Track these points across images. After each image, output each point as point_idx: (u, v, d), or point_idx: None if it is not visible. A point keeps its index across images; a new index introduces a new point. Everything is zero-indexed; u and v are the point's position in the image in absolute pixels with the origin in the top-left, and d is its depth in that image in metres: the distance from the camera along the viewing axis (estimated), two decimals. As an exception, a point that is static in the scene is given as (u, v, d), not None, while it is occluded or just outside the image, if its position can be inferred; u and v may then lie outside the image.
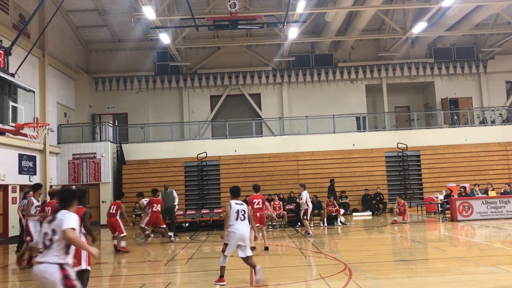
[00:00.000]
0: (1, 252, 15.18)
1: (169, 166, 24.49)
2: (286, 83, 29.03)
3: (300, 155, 24.80)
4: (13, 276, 10.87)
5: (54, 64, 23.55)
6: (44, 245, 4.70)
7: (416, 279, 8.11)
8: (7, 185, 18.99)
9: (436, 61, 29.18)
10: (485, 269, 8.51)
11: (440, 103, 28.93)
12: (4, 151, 18.90)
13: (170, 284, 8.57)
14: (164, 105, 28.84)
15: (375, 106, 29.94)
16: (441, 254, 10.69)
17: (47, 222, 4.86)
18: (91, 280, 9.52)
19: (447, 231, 15.58)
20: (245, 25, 22.66)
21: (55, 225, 4.71)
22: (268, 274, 8.87)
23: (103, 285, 9.08)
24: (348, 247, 12.69)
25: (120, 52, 28.65)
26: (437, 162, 24.57)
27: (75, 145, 23.95)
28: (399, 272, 8.82)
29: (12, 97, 13.78)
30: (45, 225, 4.83)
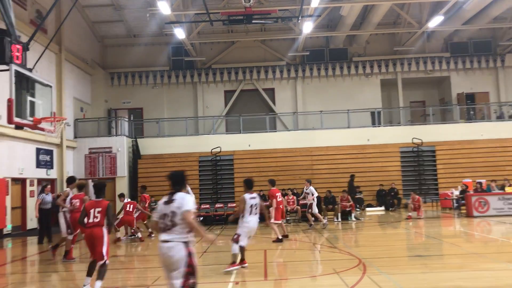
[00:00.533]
0: (19, 244, 15.46)
1: (183, 161, 24.62)
2: (300, 78, 28.96)
3: (314, 150, 24.74)
4: (32, 268, 11.08)
5: (70, 59, 23.81)
6: (165, 225, 5.04)
7: (431, 274, 8.07)
8: (25, 179, 19.30)
9: (452, 56, 28.82)
10: (502, 266, 8.44)
11: (456, 98, 28.60)
12: (22, 145, 19.20)
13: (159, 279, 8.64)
14: (179, 100, 28.99)
15: (390, 101, 29.71)
16: (456, 250, 10.62)
17: (164, 204, 5.17)
18: (107, 272, 9.67)
19: (462, 227, 15.45)
20: (259, 20, 22.63)
21: (175, 207, 5.05)
22: (283, 268, 8.91)
23: (118, 278, 9.21)
24: (362, 242, 12.68)
25: (135, 47, 28.83)
26: (453, 157, 24.32)
27: (91, 139, 24.21)
28: (414, 268, 8.79)
29: (30, 91, 13.99)
30: (163, 206, 5.14)
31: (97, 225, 7.54)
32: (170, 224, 5.03)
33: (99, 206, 7.62)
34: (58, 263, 11.44)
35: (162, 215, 5.11)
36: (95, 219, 7.55)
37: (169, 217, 5.04)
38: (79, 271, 10.04)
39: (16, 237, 17.04)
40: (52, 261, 11.37)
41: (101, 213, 7.54)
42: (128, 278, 9.32)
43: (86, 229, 7.61)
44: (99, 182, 8.04)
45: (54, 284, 8.79)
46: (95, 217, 7.55)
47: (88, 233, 7.56)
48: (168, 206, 5.10)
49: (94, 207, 7.62)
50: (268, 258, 10.28)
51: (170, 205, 5.10)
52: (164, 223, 5.07)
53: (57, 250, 11.40)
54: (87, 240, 7.62)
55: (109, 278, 9.17)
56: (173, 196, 5.17)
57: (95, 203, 7.67)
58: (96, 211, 7.57)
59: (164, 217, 5.09)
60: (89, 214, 7.59)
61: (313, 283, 7.71)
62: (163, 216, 5.09)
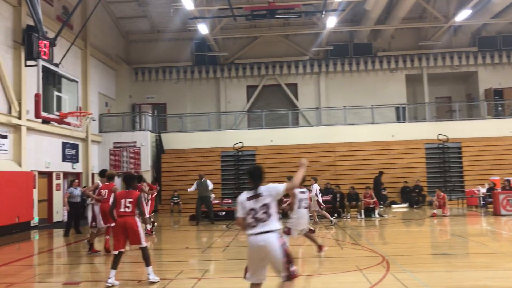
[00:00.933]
0: (46, 236, 15.79)
1: (206, 156, 24.77)
2: (324, 73, 28.74)
3: (337, 146, 24.56)
4: (57, 260, 11.30)
5: (95, 55, 24.14)
6: (255, 219, 5.13)
7: (456, 273, 7.92)
8: (51, 172, 19.69)
9: (480, 50, 28.18)
10: (530, 265, 8.23)
11: (484, 94, 27.97)
12: (49, 139, 19.58)
13: (207, 272, 8.71)
14: (202, 95, 29.14)
15: (415, 96, 29.25)
16: (483, 249, 10.40)
17: (248, 199, 5.22)
18: (130, 266, 9.79)
19: (489, 225, 15.13)
20: (283, 15, 22.51)
21: (266, 200, 5.16)
22: (305, 265, 8.87)
23: (142, 271, 9.31)
24: (385, 240, 12.53)
25: (159, 42, 29.07)
26: (480, 154, 23.81)
27: (116, 134, 24.55)
28: (439, 266, 8.64)
29: (57, 87, 14.25)
30: (248, 202, 5.21)
31: (129, 215, 7.66)
32: (265, 216, 5.13)
33: (130, 196, 7.75)
34: (83, 255, 11.66)
35: (249, 210, 5.18)
36: (126, 209, 7.67)
37: (261, 210, 5.14)
38: (105, 263, 10.20)
39: (43, 230, 17.41)
40: (78, 253, 11.58)
41: (132, 203, 7.67)
42: (155, 271, 9.41)
43: (118, 219, 7.70)
44: (129, 173, 8.16)
45: (80, 275, 8.94)
46: (126, 207, 7.68)
47: (121, 222, 7.65)
48: (255, 201, 5.19)
49: (125, 197, 7.74)
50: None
51: (258, 200, 5.19)
52: (255, 218, 5.14)
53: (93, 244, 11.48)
54: (118, 229, 7.68)
55: (131, 271, 9.30)
56: (257, 190, 5.25)
57: (126, 193, 7.79)
58: (127, 201, 7.69)
59: (252, 212, 5.16)
60: (119, 204, 7.69)
61: (335, 280, 7.65)
62: (251, 211, 5.17)
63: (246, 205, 5.22)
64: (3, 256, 11.58)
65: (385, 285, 7.06)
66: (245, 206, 5.23)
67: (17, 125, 17.00)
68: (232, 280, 7.96)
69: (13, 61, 17.11)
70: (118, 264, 7.64)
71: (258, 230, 5.10)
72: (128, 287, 7.63)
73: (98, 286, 7.92)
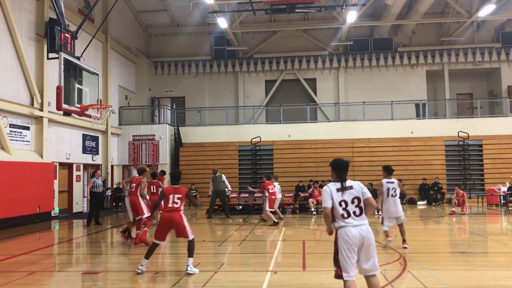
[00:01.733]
0: (66, 226, 16.07)
1: (223, 150, 24.86)
2: (343, 68, 28.55)
3: (356, 142, 24.40)
4: (77, 249, 11.50)
5: (116, 48, 24.38)
6: (347, 212, 5.21)
7: (475, 272, 7.83)
8: (72, 164, 20.01)
9: (503, 46, 27.63)
10: (551, 266, 8.09)
11: (507, 91, 27.45)
12: (70, 131, 19.89)
13: (224, 265, 8.77)
14: (220, 89, 29.21)
15: (436, 92, 28.87)
16: (502, 248, 10.25)
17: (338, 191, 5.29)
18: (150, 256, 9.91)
19: (509, 224, 14.90)
20: (302, 9, 22.41)
21: (358, 193, 5.29)
22: (321, 259, 8.87)
23: (158, 262, 9.43)
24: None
25: (178, 36, 29.22)
26: (501, 152, 23.42)
27: (135, 126, 24.79)
28: (457, 264, 8.55)
29: (78, 79, 14.45)
30: (338, 194, 5.27)
31: (176, 210, 7.86)
32: (358, 210, 5.24)
33: (179, 192, 7.95)
34: (103, 245, 11.84)
35: (340, 202, 5.23)
36: (174, 205, 7.87)
37: (354, 203, 5.23)
38: (123, 254, 10.35)
39: (63, 220, 17.73)
40: (97, 243, 11.76)
41: (180, 200, 7.89)
42: (170, 262, 9.52)
43: (165, 213, 7.88)
44: (175, 170, 8.53)
45: (99, 265, 9.09)
46: (174, 202, 7.87)
47: (167, 217, 7.83)
48: (346, 193, 5.26)
49: (173, 193, 7.92)
50: (306, 249, 10.26)
51: (348, 192, 5.27)
52: (347, 210, 5.21)
53: (126, 233, 11.75)
54: (164, 223, 7.87)
55: (171, 262, 9.42)
56: (346, 183, 5.33)
57: (174, 189, 7.96)
58: (175, 197, 7.90)
59: (343, 203, 5.23)
60: (167, 200, 7.88)
61: (351, 276, 7.62)
62: (342, 203, 5.23)
63: (336, 196, 5.26)
64: (24, 245, 11.84)
65: (402, 282, 7.02)
66: (336, 197, 5.26)
67: (39, 117, 17.31)
68: (248, 273, 8.01)
69: (36, 54, 17.41)
70: (151, 254, 7.90)
71: (355, 222, 5.18)
72: (145, 278, 7.73)
73: (117, 276, 8.05)
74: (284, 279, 7.38)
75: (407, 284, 6.92)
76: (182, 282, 7.19)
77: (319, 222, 16.09)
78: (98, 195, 15.66)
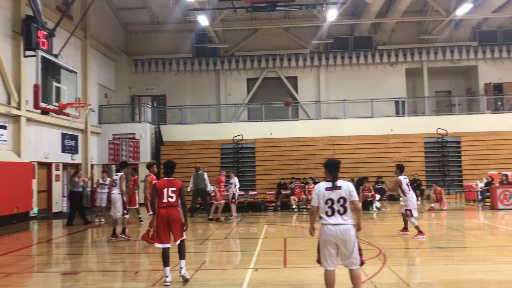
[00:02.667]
0: (45, 226, 15.85)
1: (205, 148, 24.78)
2: (324, 66, 28.70)
3: (336, 139, 24.57)
4: (57, 250, 11.35)
5: (95, 46, 24.08)
6: (335, 209, 5.53)
7: (453, 266, 7.97)
8: (50, 163, 19.72)
9: (480, 44, 28.13)
10: (526, 259, 8.28)
11: (484, 88, 27.96)
12: (48, 130, 19.59)
13: (205, 263, 8.75)
14: (202, 87, 29.11)
15: (415, 90, 29.24)
16: (479, 243, 10.46)
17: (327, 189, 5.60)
18: (128, 257, 9.86)
19: (486, 219, 15.19)
20: (283, 7, 22.41)
21: (344, 194, 5.56)
22: (302, 257, 8.92)
23: (140, 262, 9.37)
24: (383, 233, 12.58)
25: (159, 34, 28.99)
26: (478, 149, 23.85)
27: (115, 125, 24.53)
28: (435, 259, 8.69)
29: (56, 77, 14.24)
30: (326, 192, 5.59)
31: (172, 205, 7.08)
32: (342, 209, 5.53)
33: (173, 185, 7.16)
34: (83, 245, 11.71)
35: (326, 200, 5.55)
36: (170, 199, 7.08)
37: (340, 202, 5.53)
38: (103, 254, 10.26)
39: (42, 220, 17.47)
40: (77, 243, 11.63)
41: (175, 193, 7.12)
42: (153, 262, 9.47)
43: (161, 210, 7.07)
44: (170, 160, 7.51)
45: (78, 265, 8.99)
46: (169, 196, 7.09)
47: (163, 213, 7.04)
48: (334, 192, 5.56)
49: (167, 187, 7.13)
50: (288, 246, 10.31)
51: (336, 191, 5.56)
52: (332, 208, 5.52)
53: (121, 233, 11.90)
54: (161, 221, 7.05)
55: (151, 261, 9.35)
56: (335, 183, 5.62)
57: (168, 182, 7.19)
58: (170, 191, 7.12)
59: (330, 202, 5.54)
60: (161, 194, 7.13)
61: (332, 272, 7.69)
62: (329, 201, 5.54)
63: (325, 194, 5.57)
64: (1, 246, 11.63)
65: (381, 278, 7.10)
66: (323, 195, 5.57)
67: (16, 116, 17.00)
68: (229, 271, 8.02)
69: (12, 51, 17.08)
70: (168, 260, 7.08)
71: (335, 221, 5.49)
72: (126, 277, 7.67)
73: (96, 276, 7.97)
74: (266, 276, 7.40)
75: (386, 280, 7.01)
76: (163, 280, 7.16)
77: (300, 219, 16.18)
78: (79, 195, 15.52)
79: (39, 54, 13.09)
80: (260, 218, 16.99)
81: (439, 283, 6.65)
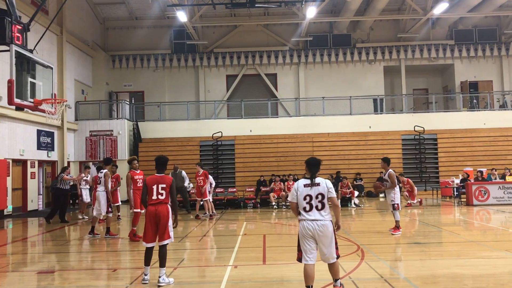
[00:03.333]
0: (20, 224, 15.53)
1: (184, 145, 24.64)
2: (303, 63, 28.80)
3: (316, 136, 24.70)
4: (32, 248, 11.14)
5: (71, 41, 23.67)
6: (313, 205, 5.75)
7: (429, 261, 8.09)
8: (26, 160, 19.33)
9: (456, 43, 28.61)
10: (500, 254, 8.46)
11: (460, 86, 28.46)
12: (23, 126, 19.19)
13: (184, 261, 8.69)
14: (180, 84, 28.89)
15: (393, 88, 29.58)
16: (455, 238, 10.64)
17: (305, 186, 5.81)
18: (106, 255, 9.73)
19: (462, 215, 15.48)
20: (262, 4, 22.42)
21: (323, 190, 5.78)
22: (281, 253, 8.94)
23: (117, 260, 9.26)
24: (361, 229, 12.70)
25: (137, 29, 28.66)
26: (455, 146, 24.29)
27: (92, 122, 24.19)
28: (412, 255, 8.81)
29: (31, 73, 13.92)
30: (304, 189, 5.80)
31: (161, 202, 6.90)
32: (320, 205, 5.74)
33: (163, 182, 6.98)
34: (59, 243, 11.51)
35: (305, 196, 5.77)
36: (159, 196, 6.91)
37: (318, 198, 5.74)
38: (80, 252, 10.10)
39: (17, 218, 17.12)
40: (53, 241, 11.42)
41: (165, 190, 6.95)
42: (132, 260, 9.37)
43: (150, 207, 6.90)
44: (162, 156, 7.28)
45: (54, 264, 8.83)
46: (159, 193, 6.91)
47: (152, 211, 6.87)
48: (312, 189, 5.77)
49: (157, 183, 6.94)
50: (267, 243, 10.32)
51: (315, 188, 5.77)
52: (310, 204, 5.75)
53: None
54: (150, 219, 6.87)
55: (130, 259, 9.23)
56: (314, 180, 5.82)
57: (159, 179, 7.00)
58: (160, 187, 6.93)
59: (308, 198, 5.75)
60: (151, 191, 6.94)
61: (311, 268, 7.72)
62: (307, 197, 5.76)
63: (303, 191, 5.79)
64: (-25, 245, 11.35)
65: (359, 273, 7.16)
66: (302, 191, 5.79)
67: (-11, 112, 16.61)
68: (209, 268, 7.98)
69: (-15, 46, 16.64)
70: (150, 259, 6.96)
71: (314, 216, 5.72)
72: (103, 276, 7.57)
73: (72, 274, 7.84)
74: (245, 273, 7.39)
75: (364, 275, 7.07)
76: (140, 279, 7.08)
77: (280, 216, 16.22)
78: (65, 192, 15.24)
79: (13, 49, 12.76)
80: (239, 215, 16.97)
81: (416, 278, 6.74)
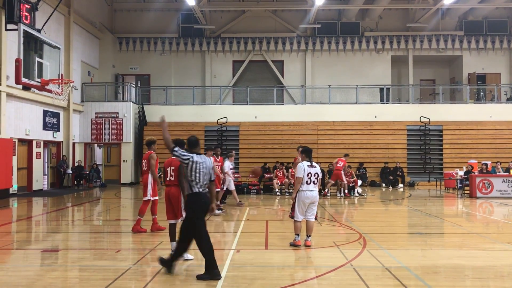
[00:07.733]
0: (25, 204, 15.68)
1: (189, 130, 24.61)
2: (310, 51, 28.63)
3: (320, 124, 24.67)
4: (37, 227, 11.26)
5: (79, 22, 23.61)
6: (311, 181, 8.03)
7: (431, 252, 8.13)
8: (31, 140, 19.44)
9: (466, 34, 28.34)
10: (501, 246, 8.48)
11: (467, 78, 28.27)
12: (29, 106, 19.25)
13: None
14: (187, 68, 28.82)
15: (400, 78, 29.42)
16: (457, 229, 10.67)
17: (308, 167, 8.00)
18: (108, 235, 9.82)
19: (465, 207, 15.49)
20: (271, -11, 22.22)
21: (318, 171, 8.15)
22: (283, 239, 9.00)
23: (120, 240, 9.35)
24: (363, 218, 12.75)
25: (145, 12, 28.52)
26: (460, 138, 24.22)
27: (98, 104, 24.23)
28: (414, 245, 8.85)
29: (38, 53, 13.97)
30: (309, 168, 8.00)
31: (173, 184, 7.11)
32: (316, 180, 8.09)
33: (173, 164, 7.16)
34: (63, 223, 11.61)
35: (308, 173, 7.98)
36: (171, 177, 7.08)
37: (315, 176, 8.06)
38: (83, 232, 10.21)
39: (22, 197, 17.27)
40: (57, 221, 11.52)
41: (175, 172, 7.08)
42: (135, 241, 9.46)
43: (166, 188, 7.27)
44: (178, 139, 7.28)
45: (58, 243, 8.93)
46: (170, 175, 7.07)
47: (166, 191, 7.24)
48: (312, 169, 8.05)
49: (169, 165, 7.16)
50: (269, 228, 10.38)
51: (313, 169, 8.06)
52: (310, 179, 8.01)
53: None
54: (166, 198, 7.28)
55: (135, 240, 9.32)
56: (312, 163, 8.16)
57: (171, 161, 7.19)
58: (171, 170, 7.07)
59: (309, 175, 7.98)
60: (166, 172, 7.11)
61: (312, 254, 7.79)
62: (309, 174, 7.99)
63: (308, 170, 8.00)
64: (-20, 222, 11.48)
65: (360, 261, 7.21)
66: (307, 170, 7.99)
67: (-4, 91, 16.66)
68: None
69: (-7, 25, 16.64)
70: (175, 235, 7.17)
71: (311, 188, 8.03)
72: (107, 256, 7.66)
73: (76, 253, 7.93)
74: (247, 257, 7.46)
75: (366, 263, 7.11)
76: (144, 260, 7.16)
77: (282, 202, 16.29)
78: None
79: (21, 28, 12.80)
80: (242, 200, 17.04)
81: (417, 268, 6.78)
